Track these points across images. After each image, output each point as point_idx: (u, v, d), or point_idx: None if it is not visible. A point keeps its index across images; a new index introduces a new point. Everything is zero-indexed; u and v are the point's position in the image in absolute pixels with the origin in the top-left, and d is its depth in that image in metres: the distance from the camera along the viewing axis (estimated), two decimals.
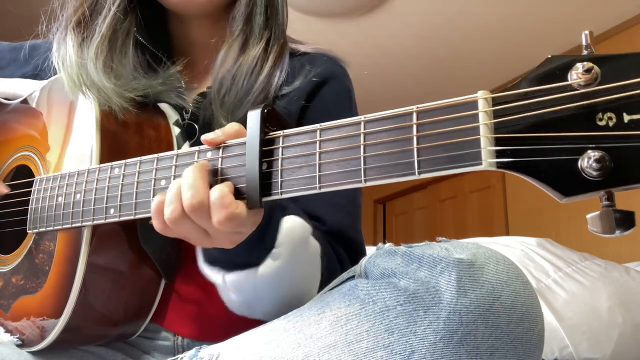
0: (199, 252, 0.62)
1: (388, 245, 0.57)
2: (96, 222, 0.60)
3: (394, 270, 0.49)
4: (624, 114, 0.33)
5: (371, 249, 0.67)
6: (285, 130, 0.48)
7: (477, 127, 0.37)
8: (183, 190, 0.49)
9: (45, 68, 0.80)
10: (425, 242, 0.52)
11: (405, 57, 3.09)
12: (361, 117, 0.43)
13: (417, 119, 0.40)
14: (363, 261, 0.54)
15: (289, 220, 0.58)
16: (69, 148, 0.69)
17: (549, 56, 0.37)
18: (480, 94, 0.38)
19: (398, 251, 0.51)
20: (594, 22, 2.69)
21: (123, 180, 0.58)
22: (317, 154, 0.45)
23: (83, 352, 0.72)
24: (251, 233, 0.53)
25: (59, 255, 0.65)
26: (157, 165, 0.56)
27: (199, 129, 0.75)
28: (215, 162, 0.51)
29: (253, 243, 0.55)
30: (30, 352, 0.67)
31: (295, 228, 0.59)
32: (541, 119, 0.35)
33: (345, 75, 0.84)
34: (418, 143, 0.39)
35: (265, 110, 0.48)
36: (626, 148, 0.33)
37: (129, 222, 0.60)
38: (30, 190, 0.69)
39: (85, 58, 0.72)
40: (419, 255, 0.48)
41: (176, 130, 0.74)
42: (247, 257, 0.57)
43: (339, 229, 0.73)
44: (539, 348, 0.47)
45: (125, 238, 0.66)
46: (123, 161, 0.59)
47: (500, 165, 0.36)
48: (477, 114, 0.37)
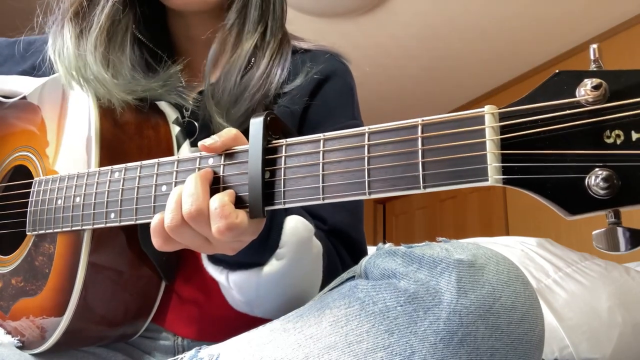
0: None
1: (388, 245, 0.56)
2: (96, 226, 0.59)
3: (394, 271, 0.48)
4: (632, 132, 0.33)
5: (371, 249, 0.67)
6: (288, 139, 0.47)
7: (484, 142, 0.36)
8: (183, 198, 0.49)
9: (42, 63, 0.79)
10: (426, 242, 0.52)
11: (405, 57, 3.08)
12: (365, 128, 0.42)
13: (422, 132, 0.39)
14: (363, 261, 0.54)
15: (292, 220, 0.59)
16: (68, 147, 0.68)
17: (556, 71, 0.36)
18: (487, 108, 0.37)
19: (398, 251, 0.50)
20: (594, 22, 2.68)
21: (123, 185, 0.57)
22: (321, 164, 0.44)
23: (83, 353, 0.72)
24: (256, 238, 0.53)
25: (59, 258, 0.65)
26: (158, 170, 0.55)
27: (198, 127, 0.75)
28: (217, 169, 0.51)
29: (257, 244, 0.55)
30: (30, 354, 0.67)
31: (299, 228, 0.59)
32: (548, 135, 0.35)
33: (347, 72, 0.83)
34: (423, 157, 0.39)
35: (268, 118, 0.48)
36: (634, 167, 0.33)
37: (129, 225, 0.60)
38: (29, 191, 0.69)
39: (83, 50, 0.71)
40: (419, 255, 0.48)
41: (176, 129, 0.73)
42: (252, 257, 0.58)
43: (341, 228, 0.73)
44: (539, 349, 0.47)
45: (126, 240, 0.66)
46: (123, 165, 0.58)
47: (506, 182, 0.36)
48: (483, 129, 0.37)
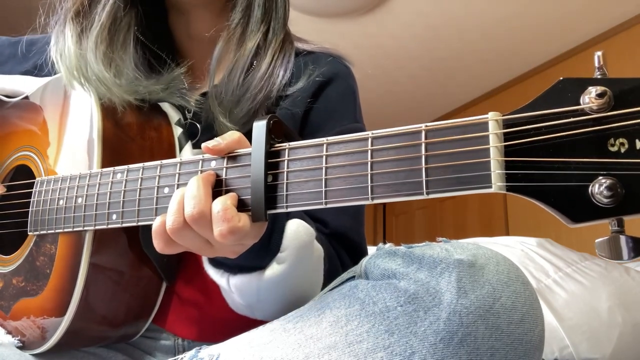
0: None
1: (388, 245, 0.56)
2: (98, 227, 0.59)
3: (394, 271, 0.48)
4: (637, 141, 0.33)
5: (371, 249, 0.67)
6: (291, 143, 0.47)
7: (488, 149, 0.36)
8: (185, 201, 0.49)
9: (44, 64, 0.79)
10: (426, 242, 0.52)
11: (405, 57, 3.07)
12: (368, 133, 0.42)
13: (425, 138, 0.39)
14: (363, 261, 0.54)
15: (293, 224, 0.58)
16: (70, 147, 0.68)
17: (560, 78, 0.36)
18: (491, 115, 0.37)
19: (398, 252, 0.50)
20: (594, 22, 2.67)
21: (125, 186, 0.57)
22: (324, 168, 0.44)
23: (83, 353, 0.72)
24: (258, 242, 0.53)
25: (60, 258, 0.65)
26: (160, 172, 0.55)
27: (201, 129, 0.75)
28: (220, 172, 0.51)
29: (259, 247, 0.55)
30: (31, 354, 0.67)
31: (300, 232, 0.59)
32: (552, 143, 0.35)
33: (349, 75, 0.83)
34: (427, 163, 0.39)
35: (271, 122, 0.48)
36: (638, 176, 0.33)
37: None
38: (31, 191, 0.69)
39: (84, 48, 0.70)
40: (419, 256, 0.48)
41: (178, 131, 0.73)
42: (253, 261, 0.57)
43: (343, 232, 0.73)
44: (539, 349, 0.47)
45: (127, 241, 0.66)
46: (126, 166, 0.58)
47: (510, 189, 0.36)
48: (487, 136, 0.37)
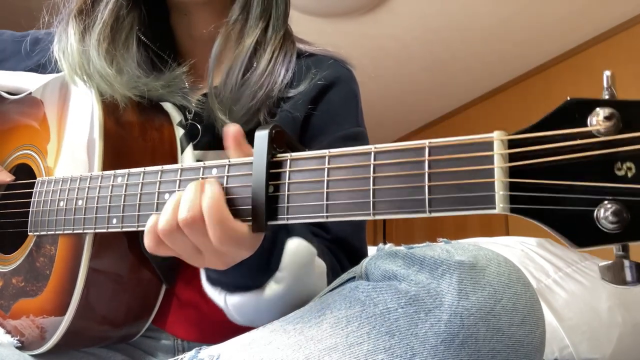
0: (202, 272, 0.62)
1: (389, 246, 0.56)
2: (98, 231, 0.59)
3: (395, 273, 0.48)
4: None
5: (372, 249, 0.67)
6: (293, 154, 0.47)
7: (492, 169, 0.36)
8: (181, 204, 0.48)
9: (47, 63, 0.79)
10: (427, 243, 0.52)
11: (405, 58, 3.05)
12: (371, 147, 0.42)
13: (429, 155, 0.39)
14: (364, 262, 0.54)
15: (293, 243, 0.58)
16: (71, 147, 0.68)
17: (568, 98, 0.35)
18: (497, 134, 0.37)
19: (399, 253, 0.50)
20: (594, 22, 2.65)
21: (126, 191, 0.57)
22: (325, 181, 0.44)
23: (83, 354, 0.72)
24: (257, 255, 0.53)
25: (60, 260, 0.64)
26: (161, 178, 0.55)
27: (201, 130, 0.74)
28: (221, 180, 0.50)
29: (257, 266, 0.55)
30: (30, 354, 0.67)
31: (300, 251, 0.58)
32: (558, 165, 0.34)
33: (351, 79, 0.82)
34: (430, 180, 0.38)
35: (274, 132, 0.47)
36: None
37: None
38: (32, 191, 0.69)
39: (87, 45, 0.70)
40: (420, 257, 0.48)
41: (180, 132, 0.73)
42: (250, 280, 0.57)
43: (344, 237, 0.72)
44: (540, 350, 0.47)
45: (127, 244, 0.66)
46: (127, 170, 0.58)
47: (513, 211, 0.35)
48: (492, 156, 0.36)
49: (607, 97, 0.35)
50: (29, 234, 0.68)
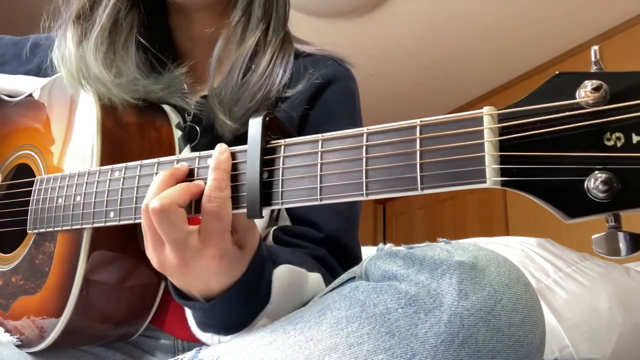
0: (191, 318, 0.62)
1: (389, 246, 0.56)
2: (96, 225, 0.59)
3: (395, 273, 0.48)
4: (633, 135, 0.33)
5: (372, 249, 0.67)
6: (286, 140, 0.47)
7: (482, 144, 0.36)
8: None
9: (48, 67, 0.79)
10: (426, 243, 0.52)
11: (405, 57, 3.07)
12: (364, 129, 0.42)
13: (420, 133, 0.39)
14: (364, 262, 0.54)
15: (278, 273, 0.58)
16: (70, 146, 0.69)
17: (556, 72, 0.36)
18: (486, 109, 0.37)
19: (399, 253, 0.50)
20: (594, 22, 2.66)
21: (123, 184, 0.57)
22: (319, 164, 0.44)
23: (82, 352, 0.72)
24: (243, 292, 0.54)
25: (59, 256, 0.65)
26: (157, 169, 0.55)
27: (200, 131, 0.75)
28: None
29: (245, 304, 0.55)
30: (29, 352, 0.67)
31: (286, 278, 0.59)
32: (548, 137, 0.35)
33: (349, 78, 0.83)
34: (421, 158, 0.39)
35: (267, 118, 0.48)
36: (634, 170, 0.32)
37: (129, 225, 0.60)
38: (31, 190, 0.69)
39: (84, 50, 0.71)
40: (420, 257, 0.48)
41: (178, 134, 0.73)
42: (240, 317, 0.57)
43: (336, 236, 0.72)
44: (540, 351, 0.46)
45: (125, 240, 0.66)
46: (124, 164, 0.58)
47: (504, 184, 0.36)
48: (482, 131, 0.36)
49: (595, 70, 0.36)
50: (28, 232, 0.68)
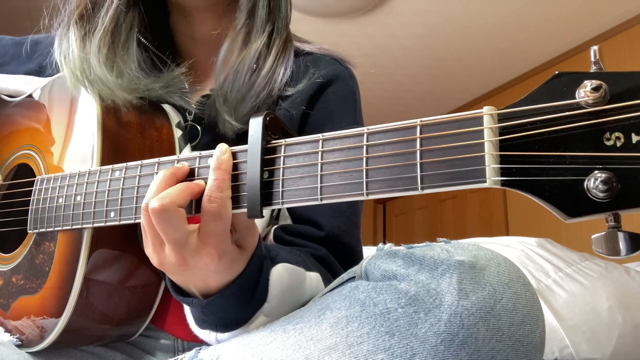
0: (189, 315, 0.62)
1: (388, 245, 0.56)
2: (96, 225, 0.59)
3: (395, 272, 0.48)
4: (633, 135, 0.33)
5: (372, 249, 0.67)
6: (287, 139, 0.47)
7: (482, 143, 0.36)
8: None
9: (48, 65, 0.79)
10: (426, 242, 0.52)
11: (405, 57, 3.08)
12: (364, 129, 0.42)
13: (420, 133, 0.39)
14: (364, 262, 0.54)
15: (276, 271, 0.58)
16: (70, 146, 0.69)
17: (556, 72, 0.36)
18: (486, 109, 0.37)
19: (399, 253, 0.50)
20: (594, 22, 2.67)
21: (124, 184, 0.57)
22: (319, 164, 0.44)
23: (82, 352, 0.72)
24: (241, 290, 0.54)
25: (59, 256, 0.65)
26: (157, 169, 0.55)
27: (201, 130, 0.75)
28: None
29: (243, 302, 0.56)
30: (29, 352, 0.67)
31: (284, 278, 0.59)
32: (547, 137, 0.35)
33: (350, 77, 0.83)
34: (421, 158, 0.39)
35: (268, 118, 0.48)
36: (634, 169, 0.32)
37: (129, 225, 0.60)
38: (31, 190, 0.69)
39: (87, 52, 0.71)
40: (420, 257, 0.48)
41: (178, 133, 0.73)
42: (238, 315, 0.57)
43: (337, 235, 0.72)
44: (540, 350, 0.47)
45: (126, 240, 0.66)
46: (124, 164, 0.58)
47: (504, 184, 0.36)
48: (482, 130, 0.36)
49: (595, 70, 0.36)
50: (28, 231, 0.68)
